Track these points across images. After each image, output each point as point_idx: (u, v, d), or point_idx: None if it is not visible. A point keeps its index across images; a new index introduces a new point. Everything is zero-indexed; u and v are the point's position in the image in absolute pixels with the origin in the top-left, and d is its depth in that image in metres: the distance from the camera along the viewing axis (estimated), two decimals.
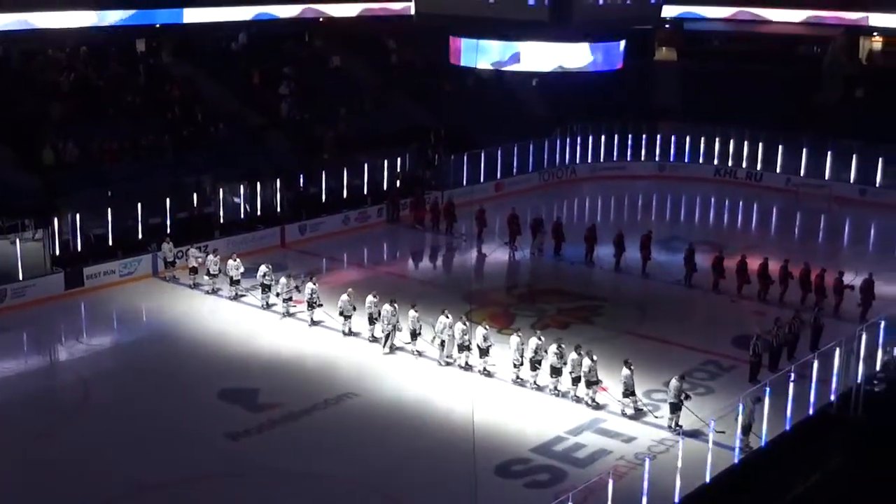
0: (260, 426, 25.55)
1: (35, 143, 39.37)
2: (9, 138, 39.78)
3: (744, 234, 46.61)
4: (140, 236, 38.22)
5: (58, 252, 35.85)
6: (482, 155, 49.28)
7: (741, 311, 33.90)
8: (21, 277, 33.99)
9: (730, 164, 53.22)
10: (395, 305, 30.22)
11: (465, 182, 47.94)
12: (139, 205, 38.39)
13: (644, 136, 54.05)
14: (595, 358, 26.85)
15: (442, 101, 53.25)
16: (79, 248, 36.84)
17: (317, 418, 26.15)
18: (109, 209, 37.55)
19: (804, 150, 51.11)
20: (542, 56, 34.06)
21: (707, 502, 21.68)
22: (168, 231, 38.22)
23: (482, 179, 48.82)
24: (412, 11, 55.87)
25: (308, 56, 53.46)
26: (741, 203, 50.21)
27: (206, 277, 34.97)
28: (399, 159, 47.67)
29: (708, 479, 22.20)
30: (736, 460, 23.23)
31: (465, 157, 48.57)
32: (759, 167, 52.52)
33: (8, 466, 23.53)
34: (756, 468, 23.10)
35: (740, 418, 23.24)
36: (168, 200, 39.14)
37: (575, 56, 31.13)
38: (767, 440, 24.06)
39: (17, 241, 34.16)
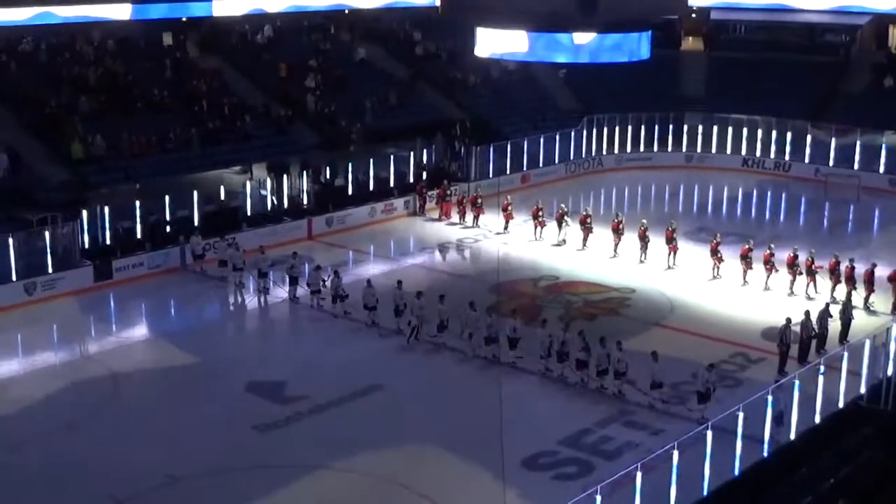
0: (287, 419, 25.62)
1: (64, 137, 39.59)
2: (38, 132, 40.07)
3: (772, 224, 46.30)
4: (168, 229, 38.41)
5: (87, 245, 36.08)
6: (508, 146, 49.22)
7: (770, 302, 33.68)
8: (51, 270, 34.22)
9: (758, 153, 52.91)
10: (422, 298, 30.23)
11: (491, 174, 47.87)
12: (167, 198, 38.58)
13: (671, 126, 53.81)
14: (623, 349, 26.78)
15: (468, 93, 53.20)
16: (107, 241, 37.06)
17: (343, 411, 26.19)
18: (137, 202, 37.73)
19: (833, 139, 50.77)
20: (568, 46, 33.91)
21: (736, 495, 21.57)
22: (196, 224, 38.40)
23: (508, 171, 48.78)
24: (437, 3, 56.16)
25: (334, 48, 53.48)
26: (769, 193, 49.89)
27: (233, 270, 35.07)
28: (425, 151, 47.68)
29: (737, 473, 22.09)
30: (765, 453, 23.10)
31: (491, 149, 48.50)
32: (787, 157, 52.19)
33: (37, 458, 23.67)
34: (786, 461, 22.95)
35: (769, 410, 23.10)
36: (195, 193, 39.31)
37: (602, 46, 30.94)
38: (797, 433, 23.90)
39: (47, 233, 34.37)
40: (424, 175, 46.54)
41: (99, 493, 21.97)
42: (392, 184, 45.62)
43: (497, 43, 30.07)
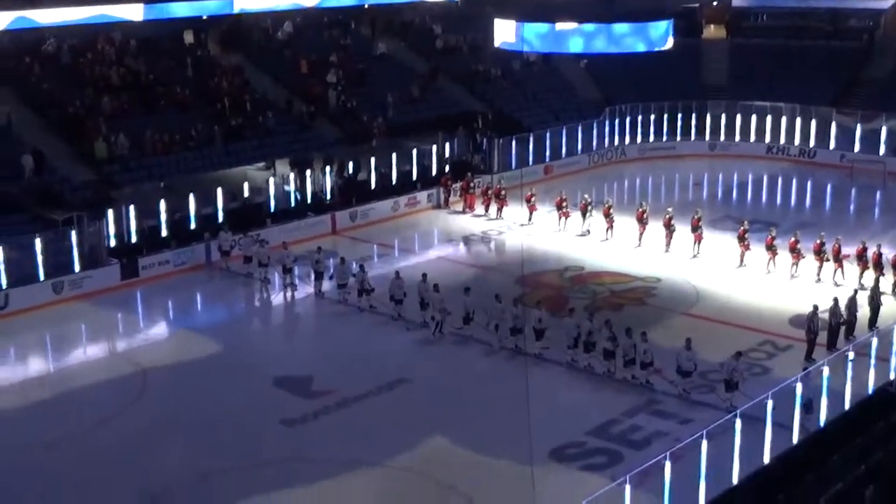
0: (315, 413, 25.69)
1: (87, 137, 39.82)
2: (62, 133, 40.33)
3: (798, 212, 46.07)
4: (192, 226, 38.59)
5: (113, 243, 36.29)
6: (531, 138, 49.16)
7: (797, 290, 33.52)
8: (78, 269, 34.43)
9: (782, 141, 52.59)
10: (440, 291, 30.25)
11: (514, 165, 47.82)
12: (191, 195, 38.75)
13: (694, 115, 53.56)
14: (647, 340, 26.73)
15: (489, 85, 53.15)
16: (133, 240, 37.26)
17: (371, 404, 26.25)
18: (162, 200, 37.91)
19: (858, 125, 50.42)
20: (589, 38, 33.85)
21: (766, 483, 21.49)
22: (220, 220, 38.55)
23: (531, 162, 48.70)
24: None
25: (354, 43, 53.53)
26: (794, 180, 49.63)
27: (258, 266, 35.18)
28: (447, 144, 47.68)
29: (767, 460, 22.01)
30: (795, 441, 22.99)
31: (514, 141, 48.46)
32: (812, 144, 51.85)
33: (72, 455, 23.87)
34: (815, 449, 22.85)
35: (798, 397, 22.99)
36: (219, 190, 39.46)
37: (623, 36, 30.85)
38: (826, 420, 23.79)
39: (74, 233, 34.60)
40: (448, 168, 46.55)
41: (133, 488, 22.12)
42: (415, 177, 45.65)
43: (516, 34, 30.04)
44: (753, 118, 52.92)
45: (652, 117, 53.32)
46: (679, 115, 53.42)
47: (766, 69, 54.84)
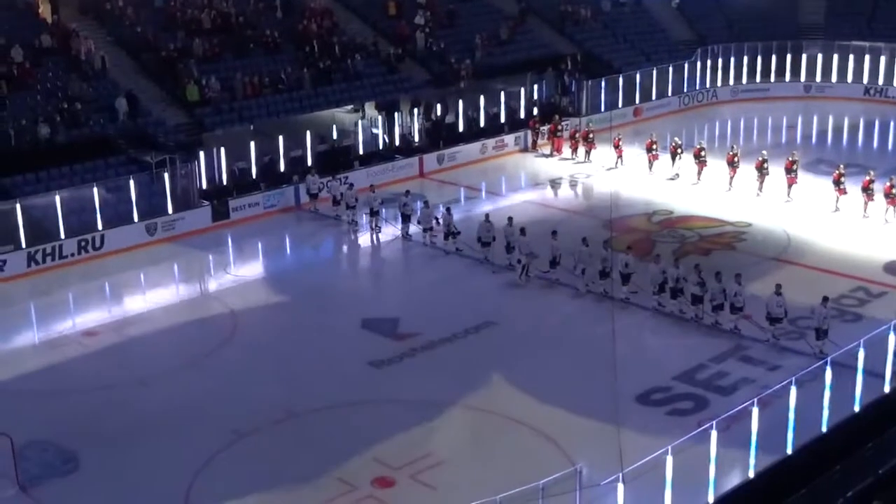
0: (401, 355, 25.95)
1: (179, 81, 40.32)
2: (155, 76, 40.89)
3: (895, 155, 44.82)
4: (282, 169, 38.96)
5: (204, 185, 36.85)
6: (620, 80, 48.50)
7: (893, 235, 32.75)
8: (170, 211, 35.07)
9: (880, 82, 51.08)
10: (526, 234, 30.18)
11: (603, 108, 47.27)
12: (280, 138, 39.08)
13: (788, 55, 52.24)
14: (742, 283, 26.37)
15: (579, 26, 52.45)
16: (224, 182, 37.78)
17: (456, 347, 26.41)
18: (252, 143, 38.32)
19: None
20: None
21: (856, 432, 21.16)
22: (309, 163, 38.87)
23: (620, 105, 48.07)
24: None
25: None
26: (892, 123, 48.25)
27: (346, 209, 35.45)
28: (536, 87, 47.28)
29: (857, 409, 21.67)
30: (887, 389, 22.56)
31: (603, 83, 47.86)
32: None
33: (164, 392, 24.47)
34: None
35: (891, 345, 22.53)
36: (308, 133, 39.73)
37: None
38: None
39: (166, 175, 35.19)
40: (536, 110, 46.20)
41: (222, 427, 22.58)
42: (503, 120, 45.41)
43: None
44: (851, 58, 51.39)
45: (745, 58, 52.12)
46: (773, 56, 52.18)
47: (866, 6, 53.19)
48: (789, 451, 20.18)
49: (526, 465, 20.03)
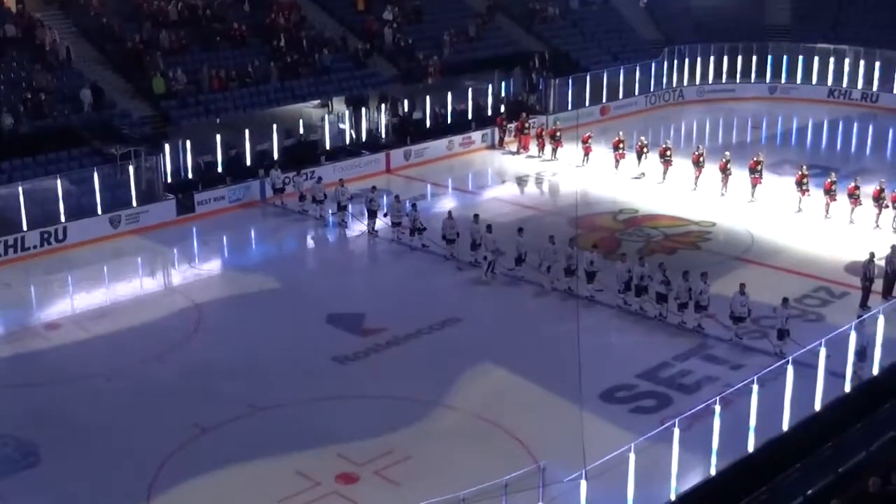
0: (367, 350, 25.93)
1: (145, 73, 40.03)
2: (120, 68, 40.57)
3: (858, 157, 45.29)
4: (248, 163, 38.79)
5: (170, 179, 36.62)
6: (587, 78, 48.65)
7: (854, 236, 33.08)
8: (135, 204, 34.84)
9: (844, 84, 51.58)
10: (492, 231, 30.22)
11: (570, 106, 47.41)
12: (246, 132, 38.92)
13: (754, 56, 52.63)
14: (708, 282, 26.54)
15: (546, 24, 52.55)
16: (189, 175, 37.58)
17: (422, 343, 26.42)
18: (218, 136, 38.13)
19: None
20: None
21: (817, 431, 21.32)
22: (275, 158, 38.74)
23: (587, 103, 48.24)
24: None
25: None
26: (856, 125, 48.75)
27: (312, 204, 35.37)
28: (503, 84, 47.35)
29: (818, 408, 21.87)
30: (847, 388, 22.82)
31: (570, 81, 48.00)
32: (875, 88, 50.80)
33: (128, 386, 24.30)
34: (868, 397, 22.62)
35: (852, 345, 22.76)
36: (275, 127, 39.59)
37: None
38: (880, 368, 23.53)
39: (131, 168, 34.94)
40: (503, 108, 46.27)
41: (185, 422, 22.45)
42: (470, 117, 45.45)
43: None
44: (816, 60, 51.86)
45: (711, 59, 52.48)
46: (739, 57, 52.56)
47: (830, 10, 53.67)
48: (751, 449, 20.34)
49: (490, 462, 20.05)
